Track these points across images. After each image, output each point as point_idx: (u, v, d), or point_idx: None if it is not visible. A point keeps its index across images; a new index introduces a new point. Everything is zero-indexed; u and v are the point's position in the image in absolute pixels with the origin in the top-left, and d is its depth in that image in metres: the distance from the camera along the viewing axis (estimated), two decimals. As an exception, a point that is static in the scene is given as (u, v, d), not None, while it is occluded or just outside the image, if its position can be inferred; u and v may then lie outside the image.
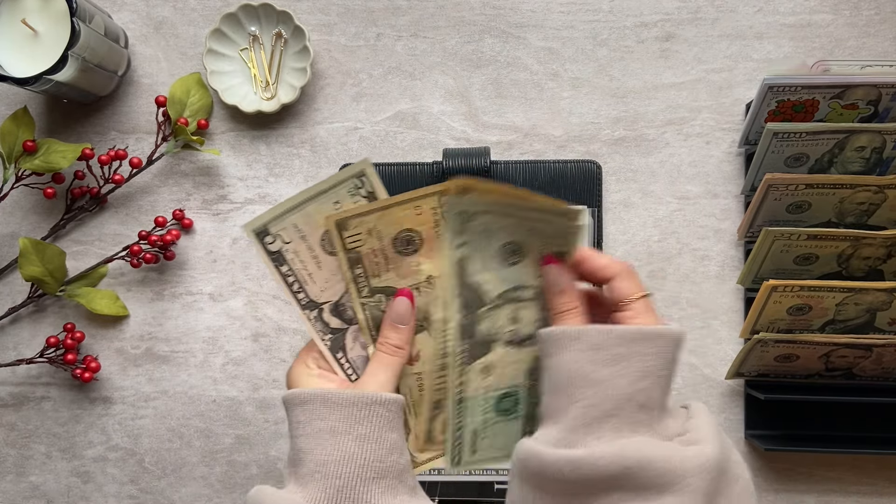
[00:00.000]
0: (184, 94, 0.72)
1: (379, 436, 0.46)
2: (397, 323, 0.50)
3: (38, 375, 0.75)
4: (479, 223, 0.47)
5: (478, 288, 0.49)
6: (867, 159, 0.64)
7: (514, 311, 0.50)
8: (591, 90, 0.72)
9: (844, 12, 0.70)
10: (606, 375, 0.44)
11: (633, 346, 0.44)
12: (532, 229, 0.48)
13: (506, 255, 0.48)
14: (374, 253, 0.49)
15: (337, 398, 0.46)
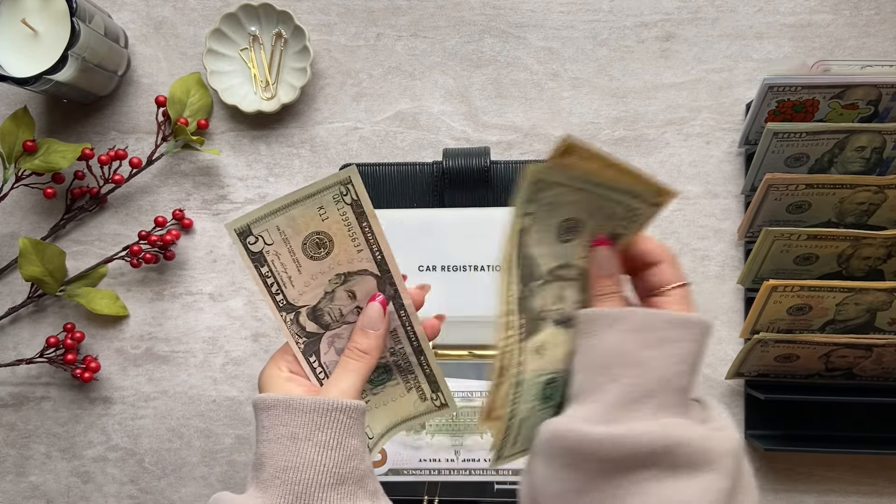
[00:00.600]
0: (184, 94, 0.72)
1: (339, 442, 0.46)
2: (368, 328, 0.50)
3: (38, 375, 0.75)
4: (550, 194, 0.46)
5: (533, 261, 0.48)
6: (867, 159, 0.64)
7: (560, 290, 0.49)
8: (591, 90, 0.72)
9: (844, 12, 0.70)
10: (649, 357, 0.44)
11: (675, 332, 0.45)
12: (600, 208, 0.47)
13: (562, 230, 0.47)
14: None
15: (299, 404, 0.46)
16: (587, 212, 0.47)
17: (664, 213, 0.71)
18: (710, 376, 0.71)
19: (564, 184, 0.45)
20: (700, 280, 0.71)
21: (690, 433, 0.42)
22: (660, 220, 0.71)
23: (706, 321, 0.46)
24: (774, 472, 0.71)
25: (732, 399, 0.71)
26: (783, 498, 0.71)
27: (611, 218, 0.47)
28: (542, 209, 0.46)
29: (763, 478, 0.71)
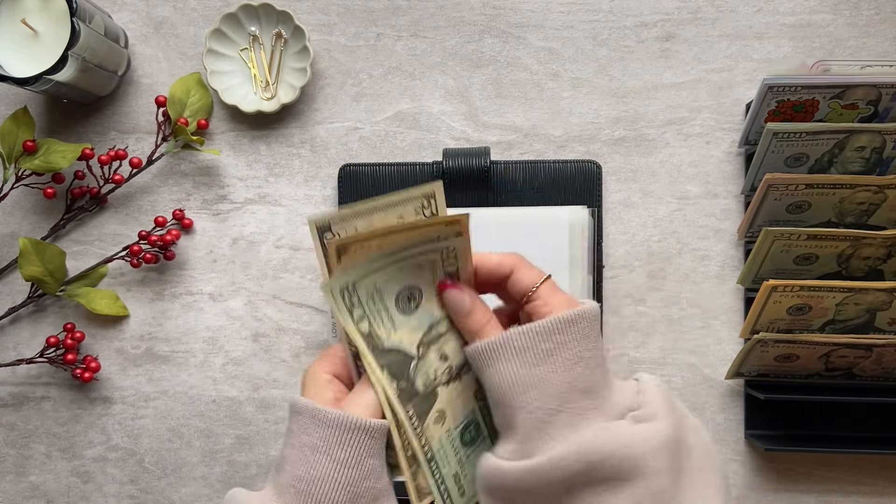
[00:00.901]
0: (184, 94, 0.72)
1: (357, 461, 0.46)
2: None
3: (38, 375, 0.75)
4: (364, 289, 0.45)
5: (398, 350, 0.47)
6: (867, 159, 0.64)
7: (439, 350, 0.49)
8: (591, 90, 0.72)
9: (844, 12, 0.70)
10: (540, 374, 0.43)
11: (558, 337, 0.44)
12: (418, 266, 0.46)
13: (404, 303, 0.47)
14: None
15: (324, 416, 0.46)
16: (411, 275, 0.46)
17: (664, 213, 0.71)
18: (710, 376, 0.71)
19: (369, 272, 0.45)
20: (700, 280, 0.71)
21: (611, 445, 0.41)
22: (660, 220, 0.71)
23: (586, 309, 0.45)
24: (774, 472, 0.71)
25: (732, 399, 0.71)
26: (783, 498, 0.71)
27: (435, 266, 0.47)
28: (370, 304, 0.46)
29: (763, 478, 0.71)
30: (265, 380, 0.73)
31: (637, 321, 0.71)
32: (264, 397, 0.73)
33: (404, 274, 0.46)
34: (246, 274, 0.73)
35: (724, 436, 0.71)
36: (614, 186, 0.72)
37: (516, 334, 0.44)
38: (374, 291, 0.46)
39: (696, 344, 0.71)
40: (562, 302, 0.45)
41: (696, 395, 0.71)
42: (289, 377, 0.73)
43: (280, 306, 0.73)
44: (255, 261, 0.73)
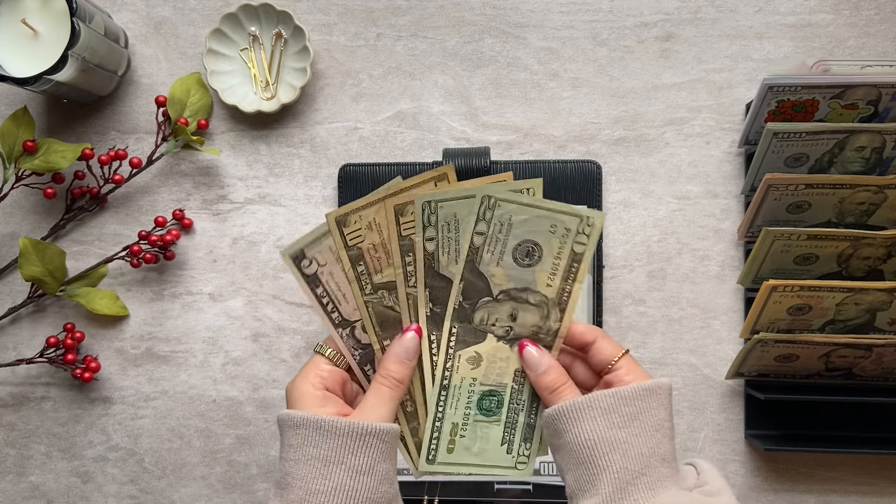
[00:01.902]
0: (184, 94, 0.72)
1: (372, 467, 0.46)
2: (404, 358, 0.50)
3: (38, 375, 0.75)
4: (502, 212, 0.47)
5: (485, 279, 0.49)
6: (867, 159, 0.64)
7: (514, 309, 0.50)
8: (591, 90, 0.72)
9: (844, 12, 0.70)
10: (625, 436, 0.45)
11: (641, 403, 0.46)
12: (553, 228, 0.48)
13: (521, 254, 0.49)
14: (375, 248, 0.50)
15: (332, 426, 0.45)
16: (543, 234, 0.48)
17: (664, 213, 0.71)
18: (710, 376, 0.71)
19: (515, 201, 0.48)
20: (700, 280, 0.71)
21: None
22: (660, 220, 0.71)
23: (665, 383, 0.47)
24: (774, 472, 0.71)
25: (732, 399, 0.71)
26: (783, 498, 0.71)
27: (567, 239, 0.49)
28: (497, 228, 0.48)
29: (763, 478, 0.71)
30: (265, 380, 0.73)
31: (637, 321, 0.71)
32: (264, 397, 0.73)
33: (539, 230, 0.48)
34: (246, 274, 0.73)
35: (724, 436, 0.71)
36: (614, 186, 0.72)
37: (603, 396, 0.46)
38: (506, 222, 0.48)
39: (696, 344, 0.71)
40: (642, 373, 0.48)
41: (696, 395, 0.71)
42: (288, 377, 0.73)
43: (280, 306, 0.73)
44: (255, 261, 0.73)
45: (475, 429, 0.52)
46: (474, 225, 0.48)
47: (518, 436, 0.52)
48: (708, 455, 0.71)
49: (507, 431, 0.52)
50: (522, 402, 0.52)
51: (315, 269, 0.51)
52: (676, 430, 0.71)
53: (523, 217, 0.48)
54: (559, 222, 0.48)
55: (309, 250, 0.52)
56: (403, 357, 0.50)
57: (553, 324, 0.50)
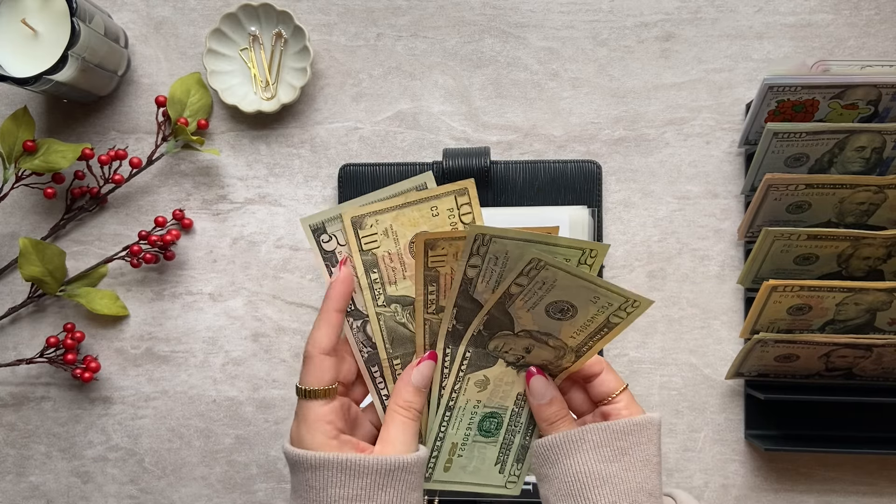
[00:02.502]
0: (184, 94, 0.72)
1: (403, 499, 0.45)
2: (422, 387, 0.49)
3: (38, 375, 0.75)
4: (548, 275, 0.45)
5: (510, 318, 0.48)
6: (867, 159, 0.64)
7: (531, 345, 0.49)
8: (591, 90, 0.72)
9: (844, 12, 0.70)
10: (614, 470, 0.46)
11: (631, 438, 0.47)
12: (594, 299, 0.46)
13: (555, 310, 0.47)
14: (391, 257, 0.48)
15: (357, 465, 0.44)
16: (584, 301, 0.46)
17: (664, 213, 0.71)
18: (710, 376, 0.71)
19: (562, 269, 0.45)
20: (700, 280, 0.71)
21: None
22: (660, 220, 0.71)
23: (655, 418, 0.48)
24: (774, 472, 0.71)
25: (732, 399, 0.71)
26: (783, 498, 0.71)
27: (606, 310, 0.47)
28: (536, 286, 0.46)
29: (763, 478, 0.71)
30: (265, 380, 0.73)
31: (637, 321, 0.71)
32: (264, 397, 0.73)
33: (581, 297, 0.46)
34: (246, 274, 0.73)
35: (724, 436, 0.71)
36: (614, 186, 0.72)
37: (595, 430, 0.47)
38: (503, 256, 0.46)
39: (696, 344, 0.71)
40: (638, 410, 0.49)
41: (696, 395, 0.71)
42: (289, 377, 0.73)
43: (280, 306, 0.73)
44: (255, 261, 0.73)
45: (473, 449, 0.52)
46: (515, 277, 0.46)
47: (512, 456, 0.52)
48: (708, 455, 0.71)
49: (503, 452, 0.52)
50: (520, 425, 0.52)
51: (334, 248, 0.48)
52: (677, 431, 0.71)
53: (568, 283, 0.45)
54: (603, 296, 0.46)
55: (331, 225, 0.48)
56: (422, 385, 0.49)
57: (565, 363, 0.50)
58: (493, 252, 0.46)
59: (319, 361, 0.47)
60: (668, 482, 0.71)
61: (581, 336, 0.48)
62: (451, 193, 0.48)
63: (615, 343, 0.71)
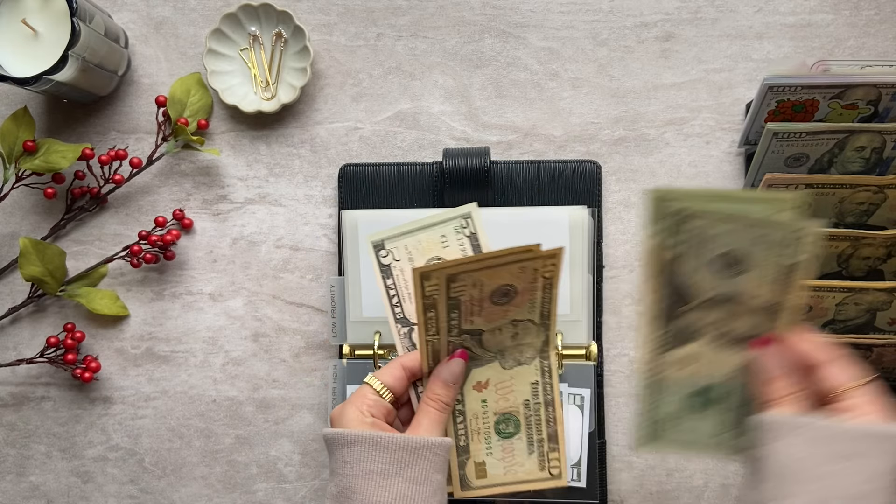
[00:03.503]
0: (184, 94, 0.72)
1: (427, 477, 0.49)
2: (450, 382, 0.53)
3: (38, 375, 0.75)
4: (694, 226, 0.45)
5: (686, 288, 0.48)
6: (867, 159, 0.64)
7: (730, 312, 0.48)
8: (591, 90, 0.72)
9: (844, 12, 0.70)
10: (830, 472, 0.42)
11: (859, 445, 0.42)
12: (754, 240, 0.45)
13: (725, 265, 0.46)
14: (473, 301, 0.52)
15: (387, 442, 0.48)
16: (745, 244, 0.45)
17: (664, 213, 0.71)
18: (710, 376, 0.71)
19: (705, 216, 0.45)
20: (700, 280, 0.71)
21: None
22: (660, 220, 0.71)
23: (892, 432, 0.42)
24: (774, 472, 0.71)
25: (732, 399, 0.71)
26: (783, 498, 0.71)
27: (774, 247, 0.45)
28: (692, 241, 0.46)
29: (763, 478, 0.71)
30: (265, 380, 0.73)
31: (637, 321, 0.71)
32: (264, 397, 0.73)
33: (739, 240, 0.46)
34: (246, 274, 0.73)
35: (724, 436, 0.71)
36: (614, 186, 0.72)
37: (823, 424, 0.43)
38: (700, 235, 0.45)
39: (696, 344, 0.71)
40: (876, 414, 0.43)
41: (696, 395, 0.71)
42: (289, 377, 0.73)
43: (280, 306, 0.73)
44: (255, 261, 0.73)
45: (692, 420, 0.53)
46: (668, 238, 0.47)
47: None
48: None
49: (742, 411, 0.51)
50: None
51: (390, 262, 0.55)
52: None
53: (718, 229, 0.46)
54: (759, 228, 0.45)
55: (389, 243, 0.55)
56: (450, 381, 0.53)
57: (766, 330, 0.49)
58: (689, 230, 0.46)
59: (397, 368, 0.54)
60: (667, 482, 0.71)
61: (764, 291, 0.46)
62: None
63: (615, 343, 0.71)
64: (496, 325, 0.53)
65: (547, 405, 0.55)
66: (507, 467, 0.56)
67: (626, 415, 0.71)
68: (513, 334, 0.54)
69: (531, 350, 0.55)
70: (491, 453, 0.56)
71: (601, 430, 0.70)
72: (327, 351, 0.73)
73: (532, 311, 0.53)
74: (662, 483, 0.71)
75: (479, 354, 0.54)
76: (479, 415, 0.55)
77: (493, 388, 0.55)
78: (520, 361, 0.55)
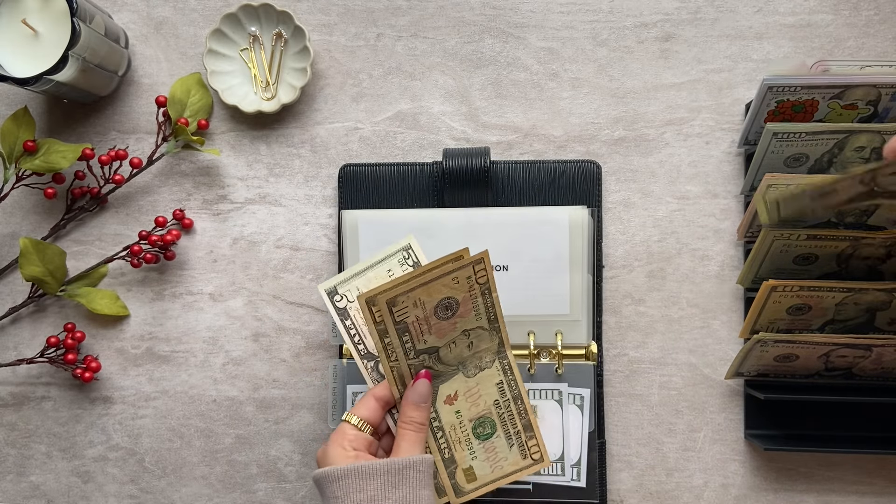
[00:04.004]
0: (184, 94, 0.72)
1: (415, 495, 0.51)
2: (419, 403, 0.56)
3: (39, 375, 0.75)
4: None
5: None
6: (867, 159, 0.64)
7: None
8: (591, 90, 0.72)
9: (844, 12, 0.70)
10: None
11: None
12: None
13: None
14: (419, 321, 0.55)
15: (370, 469, 0.51)
16: None
17: (664, 213, 0.71)
18: (709, 376, 0.71)
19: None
20: (700, 280, 0.71)
21: None
22: (660, 220, 0.71)
23: None
24: (774, 471, 0.71)
25: (732, 399, 0.71)
26: (783, 498, 0.71)
27: None
28: None
29: (763, 478, 0.71)
30: (265, 380, 0.73)
31: (637, 321, 0.71)
32: (264, 397, 0.73)
33: None
34: (246, 274, 0.73)
35: (723, 435, 0.71)
36: (614, 186, 0.72)
37: None
38: None
39: (695, 344, 0.71)
40: None
41: (696, 395, 0.71)
42: (289, 377, 0.73)
43: (280, 306, 0.73)
44: (255, 261, 0.73)
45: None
46: None
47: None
48: (707, 454, 0.71)
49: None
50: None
51: (345, 305, 0.60)
52: (676, 430, 0.71)
53: None
54: None
55: (342, 287, 0.60)
56: (419, 402, 0.56)
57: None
58: None
59: (370, 400, 0.57)
60: (667, 482, 0.71)
61: None
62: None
63: (614, 343, 0.71)
64: (449, 340, 0.56)
65: (515, 400, 0.59)
66: (493, 465, 0.59)
67: (626, 415, 0.71)
68: (468, 344, 0.57)
69: (489, 354, 0.58)
70: (475, 457, 0.59)
71: (601, 430, 0.70)
72: (327, 351, 0.73)
73: (479, 318, 0.56)
74: (662, 483, 0.71)
75: (441, 370, 0.58)
76: (456, 425, 0.58)
77: (462, 399, 0.58)
78: (480, 367, 0.58)
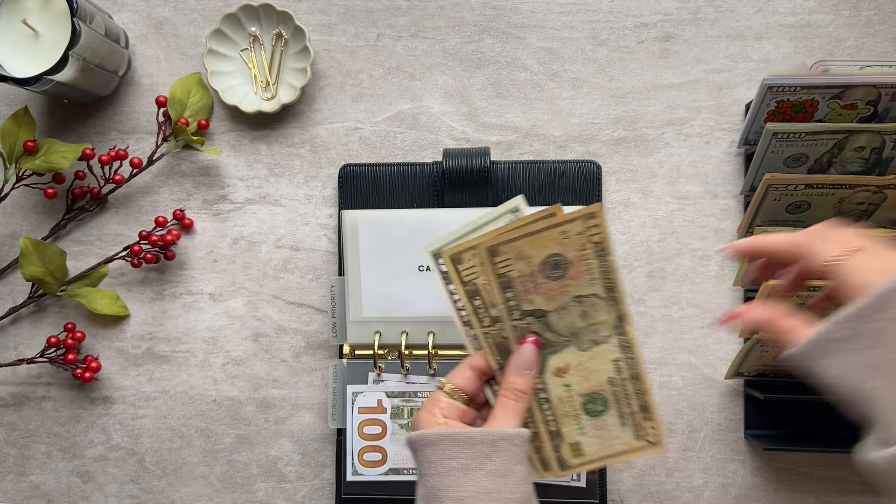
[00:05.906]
0: (184, 94, 0.72)
1: (508, 469, 0.49)
2: (524, 369, 0.52)
3: (39, 375, 0.75)
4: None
5: None
6: (866, 159, 0.64)
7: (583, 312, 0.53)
8: (591, 90, 0.72)
9: (844, 12, 0.70)
10: (880, 355, 0.42)
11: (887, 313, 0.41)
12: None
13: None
14: (525, 277, 0.52)
15: (465, 437, 0.49)
16: None
17: (664, 213, 0.71)
18: (709, 376, 0.71)
19: None
20: (700, 280, 0.71)
21: None
22: (660, 220, 0.71)
23: None
24: (774, 471, 0.71)
25: (732, 399, 0.71)
26: (783, 497, 0.71)
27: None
28: None
29: (763, 478, 0.71)
30: (265, 380, 0.73)
31: (637, 321, 0.71)
32: (264, 397, 0.73)
33: None
34: (246, 274, 0.73)
35: (723, 435, 0.71)
36: (614, 186, 0.72)
37: (833, 325, 0.42)
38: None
39: (695, 344, 0.71)
40: (874, 271, 0.41)
41: (696, 395, 0.71)
42: (289, 377, 0.73)
43: (280, 306, 0.73)
44: (255, 261, 0.73)
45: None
46: None
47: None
48: (707, 454, 0.71)
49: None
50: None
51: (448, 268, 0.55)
52: (676, 430, 0.71)
53: None
54: None
55: None
56: (523, 368, 0.52)
57: None
58: None
59: (465, 369, 0.53)
60: (667, 481, 0.71)
61: None
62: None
63: (615, 343, 0.71)
64: (559, 305, 0.52)
65: (633, 378, 0.54)
66: (603, 443, 0.55)
67: (625, 415, 0.71)
68: (581, 313, 0.53)
69: (606, 328, 0.53)
70: (584, 433, 0.55)
71: (601, 430, 0.70)
72: (327, 351, 0.73)
73: (593, 284, 0.52)
74: (662, 483, 0.71)
75: (551, 340, 0.53)
76: (565, 399, 0.54)
77: (574, 372, 0.54)
78: (596, 342, 0.53)
